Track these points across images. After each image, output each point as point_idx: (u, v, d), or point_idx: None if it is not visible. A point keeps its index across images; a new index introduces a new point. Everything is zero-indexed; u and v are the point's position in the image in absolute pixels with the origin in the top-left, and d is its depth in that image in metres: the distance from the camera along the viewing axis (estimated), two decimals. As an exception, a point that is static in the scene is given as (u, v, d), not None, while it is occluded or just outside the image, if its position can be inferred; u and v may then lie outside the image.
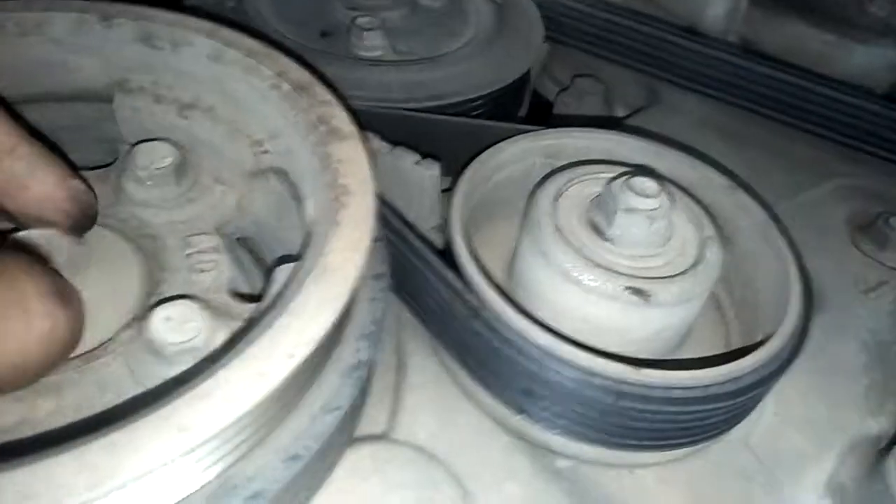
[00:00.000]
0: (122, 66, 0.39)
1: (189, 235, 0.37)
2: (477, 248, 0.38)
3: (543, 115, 0.68)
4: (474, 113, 0.52)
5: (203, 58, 0.38)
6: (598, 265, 0.36)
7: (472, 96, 0.50)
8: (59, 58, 0.38)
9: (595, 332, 0.37)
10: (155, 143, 0.38)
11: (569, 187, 0.40)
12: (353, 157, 0.32)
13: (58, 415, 0.29)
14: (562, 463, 0.38)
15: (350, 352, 0.31)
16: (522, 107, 0.59)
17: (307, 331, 0.25)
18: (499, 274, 0.43)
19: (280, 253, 0.38)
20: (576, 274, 0.36)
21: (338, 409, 0.29)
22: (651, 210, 0.36)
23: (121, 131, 0.40)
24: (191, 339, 0.30)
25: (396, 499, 0.34)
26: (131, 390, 0.30)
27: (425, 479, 0.35)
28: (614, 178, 0.38)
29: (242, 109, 0.38)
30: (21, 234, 0.32)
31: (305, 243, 0.33)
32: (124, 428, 0.22)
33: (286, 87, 0.36)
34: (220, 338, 0.31)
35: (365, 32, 0.50)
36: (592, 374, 0.33)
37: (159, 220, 0.37)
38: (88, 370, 0.31)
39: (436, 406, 0.39)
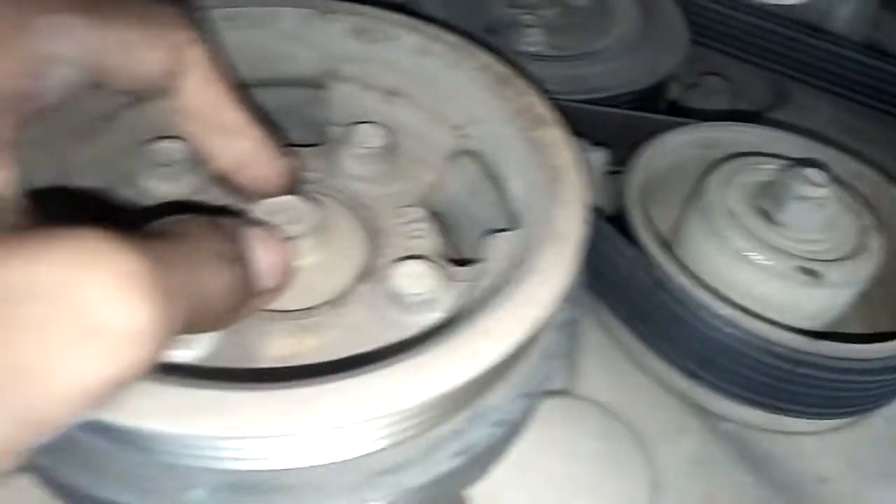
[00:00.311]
0: (336, 56, 0.44)
1: (400, 207, 0.42)
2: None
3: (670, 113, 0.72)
4: (623, 107, 0.56)
5: (410, 51, 0.43)
6: (771, 246, 0.40)
7: (626, 90, 0.53)
8: (283, 49, 0.44)
9: (761, 309, 0.40)
10: (367, 124, 0.43)
11: (735, 176, 0.44)
12: (561, 141, 0.37)
13: (321, 350, 0.34)
14: (727, 425, 0.41)
15: (562, 310, 0.35)
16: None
17: (555, 284, 0.30)
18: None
19: (470, 226, 0.43)
20: (750, 254, 0.39)
21: (556, 357, 0.34)
22: (820, 198, 0.40)
23: (329, 115, 0.46)
24: (429, 292, 0.35)
25: (585, 445, 0.38)
26: (378, 333, 0.35)
27: (608, 430, 0.39)
28: (785, 169, 0.41)
29: (444, 98, 0.43)
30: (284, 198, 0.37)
31: (517, 217, 0.38)
32: (426, 353, 0.26)
33: (489, 78, 0.40)
34: (450, 294, 0.36)
35: (527, 29, 0.55)
36: (771, 343, 0.36)
37: (372, 193, 0.42)
38: (341, 315, 0.36)
39: (608, 369, 0.43)
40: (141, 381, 0.24)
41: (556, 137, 0.36)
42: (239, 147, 0.34)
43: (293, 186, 0.38)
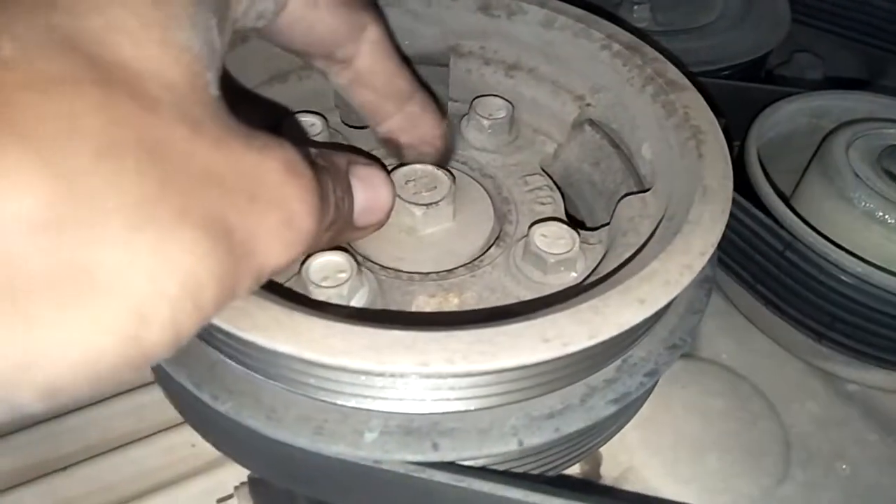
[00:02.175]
0: (457, 32, 0.46)
1: (524, 175, 0.43)
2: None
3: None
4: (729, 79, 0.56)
5: (535, 24, 0.44)
6: (900, 207, 0.40)
7: (731, 64, 0.54)
8: (410, 26, 0.45)
9: (887, 268, 0.40)
10: (490, 97, 0.45)
11: (855, 140, 0.44)
12: (697, 103, 0.37)
13: (464, 307, 0.36)
14: (851, 387, 0.42)
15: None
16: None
17: (709, 236, 0.30)
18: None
19: (592, 193, 0.44)
20: (881, 213, 0.40)
21: (699, 312, 0.34)
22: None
23: (450, 91, 0.47)
24: (566, 252, 0.36)
25: (715, 403, 0.39)
26: (517, 292, 0.36)
27: (735, 390, 0.40)
28: (911, 131, 0.41)
29: (566, 68, 0.44)
30: (411, 166, 0.39)
31: (646, 180, 0.39)
32: (597, 298, 0.28)
33: (617, 46, 0.41)
34: (585, 255, 0.37)
35: (636, 6, 0.55)
36: (908, 299, 0.36)
37: (496, 164, 0.44)
38: (478, 275, 0.37)
39: (729, 333, 0.43)
40: (331, 321, 0.26)
41: (692, 99, 0.37)
42: (409, 110, 0.37)
43: (451, 149, 0.40)
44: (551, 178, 0.44)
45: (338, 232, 0.30)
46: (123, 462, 0.40)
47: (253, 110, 0.41)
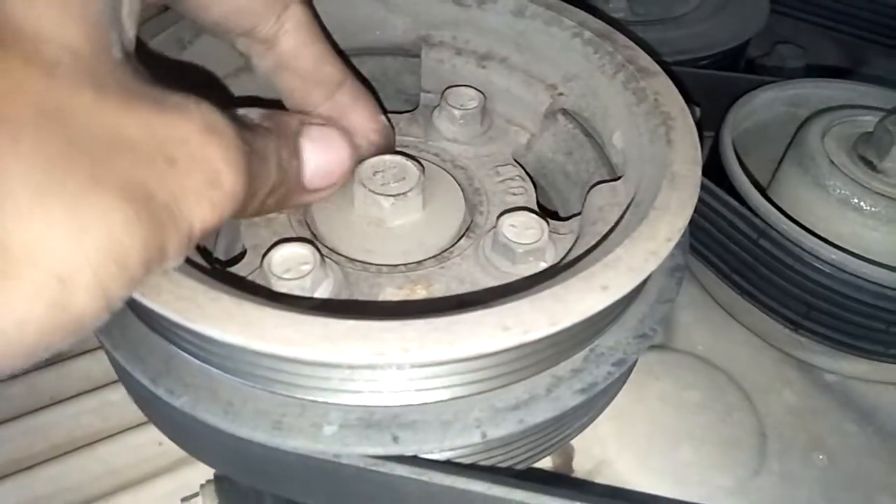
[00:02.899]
0: (429, 23, 0.45)
1: (496, 166, 0.42)
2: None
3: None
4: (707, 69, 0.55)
5: (506, 13, 0.43)
6: (876, 192, 0.39)
7: (711, 52, 0.53)
8: (380, 16, 0.45)
9: (864, 255, 0.40)
10: (462, 88, 0.44)
11: (831, 127, 0.44)
12: (667, 90, 0.37)
13: (431, 299, 0.35)
14: (829, 377, 0.41)
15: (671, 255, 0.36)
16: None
17: (676, 222, 0.30)
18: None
19: (565, 183, 0.43)
20: (856, 201, 0.39)
21: (668, 301, 0.34)
22: (925, 144, 0.39)
23: (422, 82, 0.46)
24: (535, 242, 0.35)
25: (690, 395, 0.38)
26: (486, 282, 0.36)
27: (710, 381, 0.39)
28: (885, 117, 0.41)
29: (538, 57, 0.43)
30: (380, 157, 0.38)
31: (617, 168, 0.38)
32: (559, 285, 0.27)
33: (588, 34, 0.41)
34: (554, 245, 0.36)
35: (610, -5, 0.55)
36: (883, 286, 0.36)
37: (468, 155, 0.43)
38: (447, 267, 0.36)
39: (705, 323, 0.43)
40: (284, 311, 0.25)
41: (663, 86, 0.37)
42: (339, 99, 0.35)
43: (390, 144, 0.39)
44: (524, 168, 0.43)
45: (285, 195, 0.30)
46: (90, 461, 0.39)
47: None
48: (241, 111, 0.29)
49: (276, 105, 0.36)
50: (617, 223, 0.32)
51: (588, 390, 0.30)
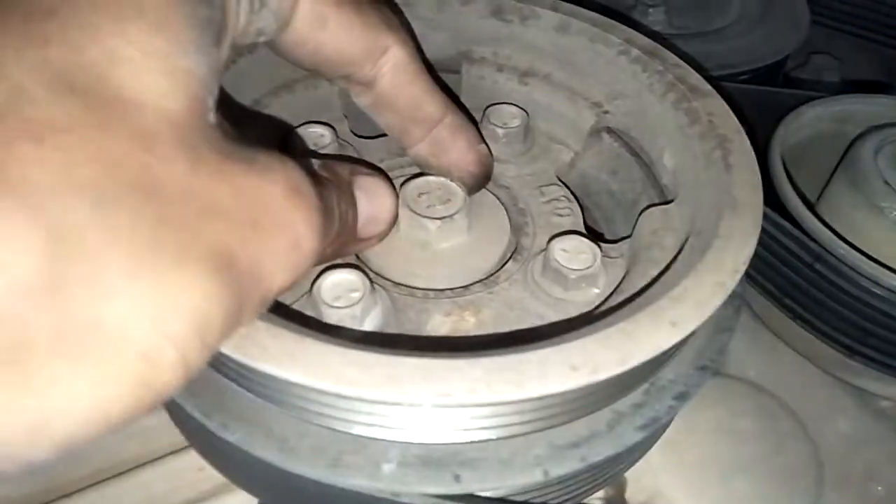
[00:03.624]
0: (469, 38, 0.44)
1: (540, 186, 0.42)
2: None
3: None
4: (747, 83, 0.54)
5: (549, 29, 0.42)
6: (934, 216, 0.38)
7: (750, 67, 0.52)
8: (421, 32, 0.44)
9: (921, 281, 0.39)
10: (504, 105, 0.43)
11: (883, 146, 0.43)
12: (721, 111, 0.36)
13: (480, 326, 0.34)
14: (884, 403, 0.40)
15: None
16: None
17: (742, 252, 0.29)
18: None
19: (611, 203, 0.42)
20: (912, 224, 0.38)
21: (728, 331, 0.33)
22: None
23: (462, 98, 0.46)
24: (587, 268, 0.34)
25: (743, 423, 0.37)
26: (538, 309, 0.35)
27: (763, 409, 0.38)
28: (942, 137, 0.40)
29: (582, 74, 0.42)
30: (425, 178, 0.37)
31: (668, 190, 0.38)
32: (626, 320, 0.26)
33: (635, 52, 0.40)
34: (606, 270, 0.35)
35: (650, 9, 0.54)
36: (945, 314, 0.35)
37: (511, 174, 0.42)
38: (496, 292, 0.36)
39: (756, 348, 0.42)
40: (346, 349, 0.24)
41: (717, 106, 0.36)
42: (437, 135, 0.35)
43: (489, 174, 0.38)
44: (568, 187, 0.43)
45: (342, 245, 0.30)
46: (130, 487, 0.39)
47: (258, 123, 0.40)
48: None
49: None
50: (678, 253, 0.31)
51: (650, 426, 0.29)
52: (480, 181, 0.38)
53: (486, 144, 0.38)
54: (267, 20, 0.27)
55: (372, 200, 0.31)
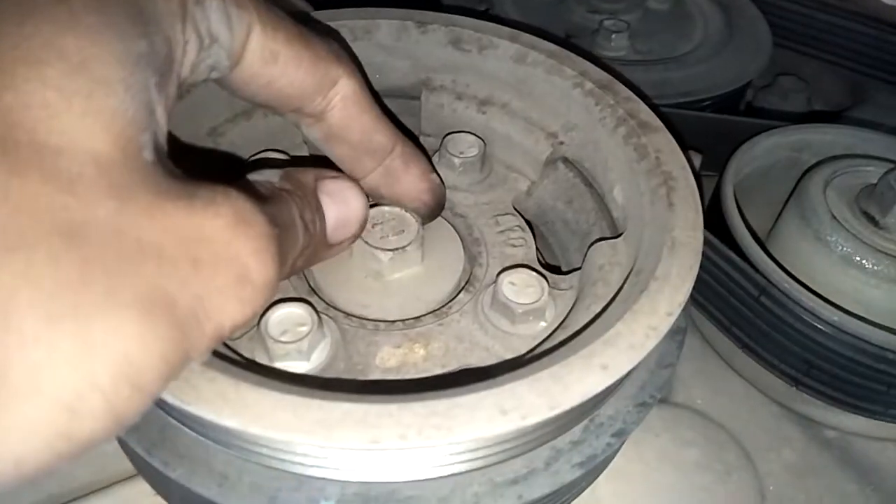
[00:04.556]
0: (429, 66, 0.45)
1: (496, 215, 0.42)
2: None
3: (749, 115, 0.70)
4: (707, 110, 0.55)
5: (507, 59, 0.43)
6: (878, 250, 0.39)
7: (712, 95, 0.53)
8: (380, 60, 0.44)
9: (867, 314, 0.39)
10: (462, 134, 0.44)
11: (833, 179, 0.43)
12: (669, 147, 0.36)
13: (430, 359, 0.35)
14: (829, 433, 0.41)
15: (672, 318, 0.35)
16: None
17: (676, 296, 0.29)
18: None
19: (565, 232, 0.43)
20: (858, 258, 0.39)
21: (670, 366, 0.34)
22: (928, 201, 0.39)
23: (422, 126, 0.46)
24: (534, 302, 0.35)
25: (689, 454, 0.38)
26: (486, 342, 0.35)
27: (710, 438, 0.39)
28: (889, 172, 0.41)
29: (539, 105, 0.43)
30: (379, 208, 0.37)
31: (618, 223, 0.38)
32: (558, 364, 0.27)
33: (589, 85, 0.40)
34: (554, 303, 0.36)
35: (613, 35, 0.55)
36: (884, 348, 0.36)
37: (467, 203, 0.43)
38: (446, 324, 0.36)
39: (705, 376, 0.43)
40: (280, 393, 0.25)
41: (664, 143, 0.36)
42: (390, 164, 0.35)
43: (441, 203, 0.38)
44: (524, 216, 0.43)
45: (313, 254, 0.30)
46: (83, 512, 0.39)
47: (214, 154, 0.40)
48: (257, 175, 0.28)
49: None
50: (618, 291, 0.32)
51: (587, 463, 0.30)
52: (434, 210, 0.38)
53: (438, 174, 0.38)
54: (218, 56, 0.27)
55: (339, 204, 0.31)
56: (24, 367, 0.17)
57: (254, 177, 0.28)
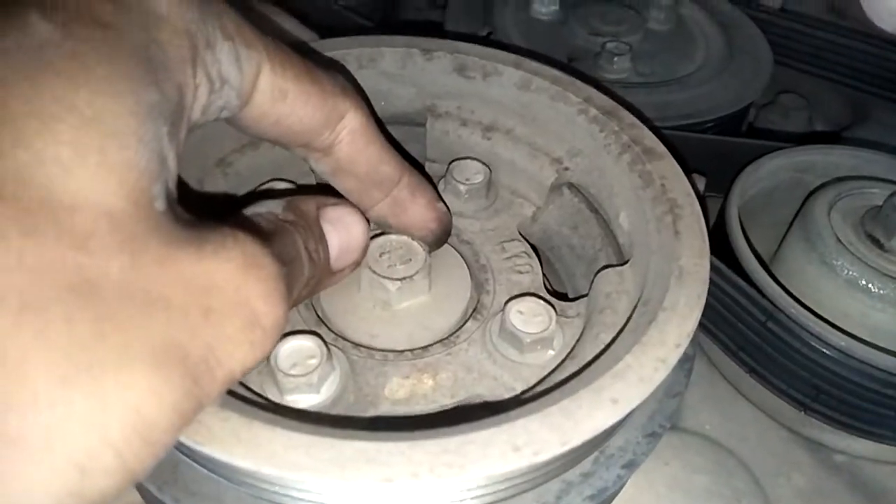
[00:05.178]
0: (434, 93, 0.45)
1: (502, 241, 0.42)
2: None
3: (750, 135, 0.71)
4: (709, 131, 0.55)
5: (511, 86, 0.43)
6: (884, 274, 0.39)
7: (714, 116, 0.53)
8: (385, 87, 0.45)
9: (873, 338, 0.40)
10: (468, 160, 0.44)
11: (838, 201, 0.43)
12: (674, 174, 0.37)
13: (438, 390, 0.35)
14: (838, 458, 0.41)
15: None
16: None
17: (685, 326, 0.30)
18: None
19: (571, 258, 0.43)
20: (864, 282, 0.39)
21: (678, 395, 0.34)
22: (932, 225, 0.39)
23: (427, 152, 0.46)
24: (542, 331, 0.35)
25: (699, 480, 0.38)
26: (494, 372, 0.35)
27: (719, 464, 0.39)
28: (894, 194, 0.41)
29: (543, 131, 0.43)
30: (386, 237, 0.38)
31: (624, 250, 0.38)
32: (568, 398, 0.27)
33: (593, 112, 0.41)
34: (562, 331, 0.36)
35: (615, 57, 0.55)
36: (892, 374, 0.36)
37: (473, 229, 0.43)
38: (454, 353, 0.36)
39: (713, 401, 0.43)
40: (292, 431, 0.25)
41: (669, 169, 0.36)
42: (396, 195, 0.35)
43: (447, 231, 0.38)
44: (529, 241, 0.43)
45: (317, 283, 0.30)
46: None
47: (221, 184, 0.40)
48: (260, 207, 0.28)
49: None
50: (627, 320, 0.32)
51: (598, 496, 0.30)
52: (440, 238, 0.38)
53: (445, 202, 0.38)
54: (229, 97, 0.27)
55: (341, 231, 0.31)
56: (38, 428, 0.17)
57: (257, 209, 0.29)
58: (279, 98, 0.28)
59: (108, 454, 0.18)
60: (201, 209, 0.24)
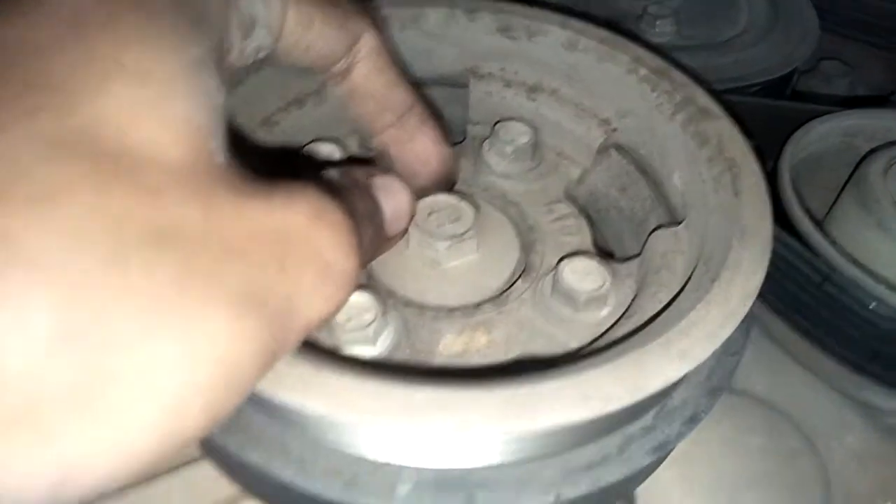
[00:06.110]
0: (477, 54, 0.44)
1: (548, 203, 0.42)
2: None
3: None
4: (754, 95, 0.54)
5: (557, 46, 0.42)
6: (942, 236, 0.38)
7: (761, 80, 0.52)
8: (428, 47, 0.44)
9: (929, 300, 0.39)
10: (513, 122, 0.43)
11: (893, 165, 0.43)
12: (731, 134, 0.36)
13: (492, 346, 0.35)
14: (890, 420, 0.40)
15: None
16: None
17: (750, 284, 0.29)
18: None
19: (619, 220, 0.43)
20: (920, 244, 0.38)
21: (736, 354, 0.33)
22: None
23: (470, 114, 0.46)
24: (597, 289, 0.35)
25: (751, 440, 0.38)
26: (549, 330, 0.35)
27: (772, 425, 0.39)
28: (950, 155, 0.40)
29: (591, 91, 0.43)
30: (434, 197, 0.37)
31: (676, 211, 0.38)
32: (637, 351, 0.26)
33: (644, 71, 0.40)
34: (617, 290, 0.36)
35: (658, 20, 0.54)
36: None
37: (518, 190, 0.43)
38: (505, 312, 0.36)
39: (764, 364, 0.42)
40: (362, 378, 0.25)
41: (725, 129, 0.36)
42: (407, 121, 0.36)
43: (450, 173, 0.38)
44: (576, 202, 0.43)
45: (377, 249, 0.30)
46: (148, 497, 0.39)
47: (266, 144, 0.40)
48: (323, 173, 0.28)
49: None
50: (687, 280, 0.32)
51: (660, 449, 0.30)
52: (439, 179, 0.38)
53: (451, 146, 0.38)
54: (262, 37, 0.27)
55: (390, 198, 0.31)
56: (130, 370, 0.17)
57: (321, 174, 0.29)
58: (307, 26, 0.29)
59: (197, 400, 0.19)
60: (253, 167, 0.24)
